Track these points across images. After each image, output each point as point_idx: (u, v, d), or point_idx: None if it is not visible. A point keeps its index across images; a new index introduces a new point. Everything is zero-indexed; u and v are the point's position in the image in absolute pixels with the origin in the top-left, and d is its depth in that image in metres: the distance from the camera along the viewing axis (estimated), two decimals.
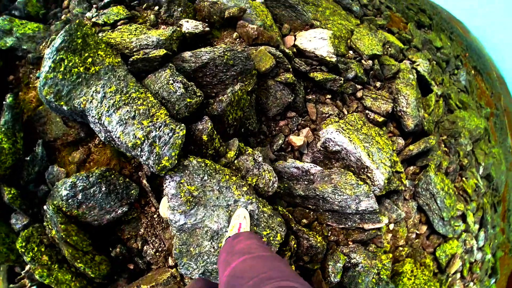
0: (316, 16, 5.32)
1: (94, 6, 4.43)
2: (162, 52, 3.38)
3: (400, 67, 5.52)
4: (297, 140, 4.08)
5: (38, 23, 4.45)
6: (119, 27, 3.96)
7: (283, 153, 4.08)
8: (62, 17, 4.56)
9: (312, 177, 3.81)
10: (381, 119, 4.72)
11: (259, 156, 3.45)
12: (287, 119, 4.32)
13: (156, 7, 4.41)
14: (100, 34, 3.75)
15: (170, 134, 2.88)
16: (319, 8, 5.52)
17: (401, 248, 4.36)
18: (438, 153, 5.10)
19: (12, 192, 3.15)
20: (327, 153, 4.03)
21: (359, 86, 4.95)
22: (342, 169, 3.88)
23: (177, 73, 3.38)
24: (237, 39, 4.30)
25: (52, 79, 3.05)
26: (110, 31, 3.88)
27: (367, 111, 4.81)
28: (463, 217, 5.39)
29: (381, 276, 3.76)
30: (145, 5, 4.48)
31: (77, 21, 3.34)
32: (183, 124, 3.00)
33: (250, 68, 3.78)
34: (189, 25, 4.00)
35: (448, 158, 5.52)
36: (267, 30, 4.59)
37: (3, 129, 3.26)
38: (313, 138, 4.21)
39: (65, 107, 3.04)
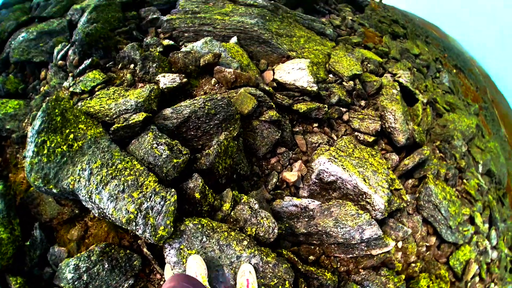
0: (291, 47, 5.35)
1: (70, 74, 4.45)
2: (141, 116, 3.39)
3: (382, 82, 5.53)
4: (291, 176, 4.05)
5: (18, 99, 4.48)
6: (97, 93, 3.98)
7: (279, 191, 4.04)
8: (41, 89, 4.59)
9: (311, 212, 3.78)
10: (371, 138, 4.69)
11: (255, 203, 3.41)
12: (278, 156, 4.30)
13: (132, 65, 4.44)
14: (79, 104, 3.76)
15: (162, 203, 2.86)
16: (293, 38, 5.57)
17: (413, 264, 4.29)
18: (434, 161, 5.07)
19: (18, 281, 3.09)
20: (323, 184, 4.00)
21: (344, 109, 4.96)
22: (341, 200, 3.85)
23: (159, 134, 3.38)
24: (216, 85, 4.31)
25: (37, 163, 3.05)
26: (88, 98, 3.89)
27: (356, 133, 4.79)
28: (471, 219, 5.33)
29: None
30: (120, 64, 4.51)
31: (53, 97, 3.35)
32: (173, 190, 2.97)
33: (232, 113, 3.79)
34: (166, 80, 4.02)
35: (445, 163, 5.49)
36: (245, 69, 4.62)
37: None
38: (306, 170, 4.18)
39: (54, 190, 3.03)
